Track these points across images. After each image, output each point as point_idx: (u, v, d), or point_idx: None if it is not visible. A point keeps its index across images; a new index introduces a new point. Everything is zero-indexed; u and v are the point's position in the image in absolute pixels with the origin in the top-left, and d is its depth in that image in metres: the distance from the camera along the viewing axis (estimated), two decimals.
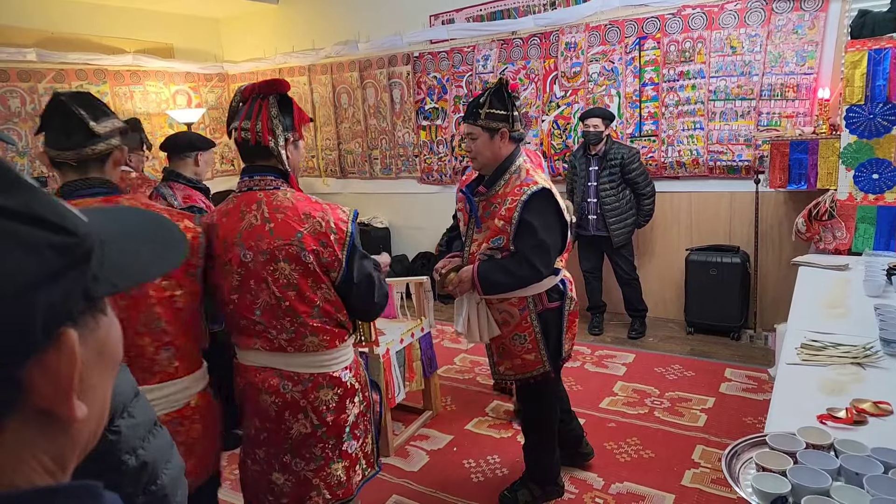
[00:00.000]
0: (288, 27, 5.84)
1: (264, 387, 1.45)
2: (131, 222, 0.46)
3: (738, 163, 3.89)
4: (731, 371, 3.36)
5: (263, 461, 1.51)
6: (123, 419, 0.72)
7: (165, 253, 0.45)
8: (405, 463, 2.62)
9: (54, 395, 0.36)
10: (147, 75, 5.54)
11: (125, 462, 0.72)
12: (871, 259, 2.46)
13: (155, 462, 0.76)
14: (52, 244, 0.34)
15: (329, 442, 1.49)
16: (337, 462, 1.51)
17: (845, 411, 1.30)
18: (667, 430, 2.75)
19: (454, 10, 4.84)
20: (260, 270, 1.40)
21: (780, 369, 1.63)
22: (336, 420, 1.48)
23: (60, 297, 0.35)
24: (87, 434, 0.40)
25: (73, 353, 0.36)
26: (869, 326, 1.80)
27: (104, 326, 0.40)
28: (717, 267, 3.76)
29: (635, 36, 4.11)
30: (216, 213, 1.49)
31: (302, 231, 1.39)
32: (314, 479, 1.49)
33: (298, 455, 1.48)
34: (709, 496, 2.27)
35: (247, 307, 1.43)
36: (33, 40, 4.85)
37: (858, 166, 2.80)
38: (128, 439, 0.72)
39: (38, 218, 0.34)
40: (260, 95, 1.42)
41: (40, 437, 0.37)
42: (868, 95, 2.71)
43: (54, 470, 0.38)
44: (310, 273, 1.40)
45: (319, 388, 1.46)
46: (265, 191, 1.43)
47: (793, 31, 3.61)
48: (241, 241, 1.40)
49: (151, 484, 0.75)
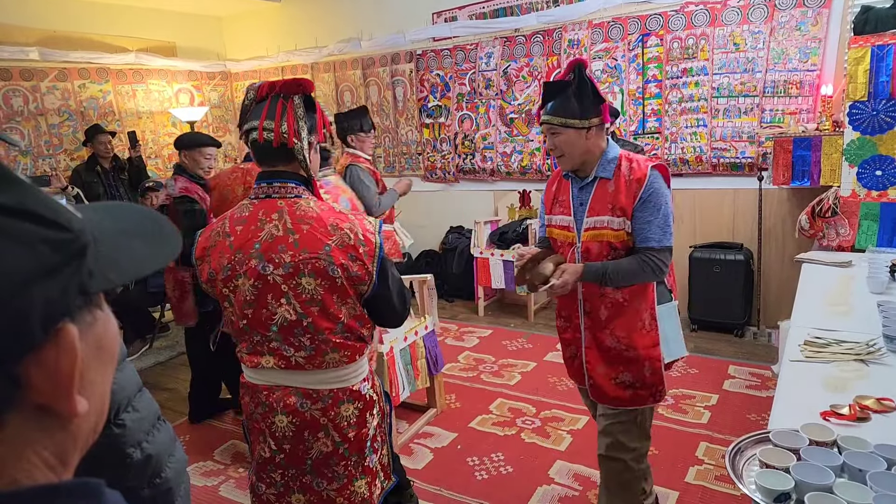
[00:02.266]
0: (291, 25, 5.84)
1: (280, 407, 1.38)
2: (123, 218, 0.46)
3: (741, 160, 3.89)
4: (734, 368, 3.37)
5: (281, 484, 1.44)
6: (128, 413, 0.73)
7: (158, 248, 0.45)
8: (409, 461, 2.63)
9: (54, 391, 0.36)
10: (150, 74, 5.55)
11: (130, 455, 0.72)
12: (875, 256, 2.46)
13: (159, 455, 0.76)
14: (46, 240, 0.34)
15: (351, 459, 1.42)
16: (360, 479, 1.45)
17: (848, 408, 1.31)
18: (670, 427, 2.76)
19: (457, 8, 4.84)
20: (280, 284, 1.31)
21: (783, 366, 1.64)
22: (357, 435, 1.42)
23: (58, 292, 0.35)
24: (87, 429, 0.40)
25: (73, 348, 0.36)
26: (872, 323, 1.80)
27: (101, 321, 0.40)
28: (720, 264, 3.76)
29: (638, 33, 4.10)
30: (228, 221, 1.39)
31: (330, 244, 1.30)
32: (338, 499, 1.43)
33: (320, 475, 1.41)
34: (712, 493, 2.28)
35: (262, 323, 1.34)
36: (36, 39, 4.86)
37: (862, 163, 2.80)
38: (133, 433, 0.73)
39: (31, 214, 0.34)
40: (282, 95, 1.33)
41: (41, 432, 0.37)
42: (871, 92, 2.71)
43: (56, 465, 0.38)
44: (336, 288, 1.32)
45: (340, 404, 1.39)
46: (286, 199, 1.33)
47: (796, 28, 3.60)
48: (260, 253, 1.31)
49: (156, 477, 0.75)
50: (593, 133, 1.62)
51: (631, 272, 1.63)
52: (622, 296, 1.70)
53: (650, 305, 1.72)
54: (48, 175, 4.29)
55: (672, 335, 1.79)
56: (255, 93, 1.36)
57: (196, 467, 2.72)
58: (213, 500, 2.47)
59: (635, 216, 1.62)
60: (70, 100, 5.04)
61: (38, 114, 4.84)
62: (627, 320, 1.71)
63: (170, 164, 5.57)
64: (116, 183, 4.57)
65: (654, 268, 1.62)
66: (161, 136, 5.64)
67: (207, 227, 1.43)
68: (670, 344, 1.79)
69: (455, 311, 4.78)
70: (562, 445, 2.68)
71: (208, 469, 2.70)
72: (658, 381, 1.74)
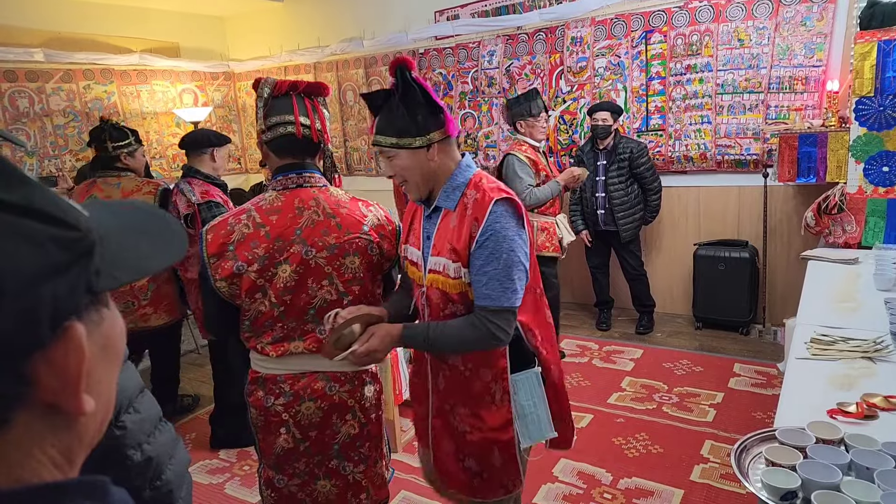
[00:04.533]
0: (293, 25, 5.84)
1: (306, 394, 1.41)
2: (129, 216, 0.46)
3: (746, 157, 3.86)
4: (739, 366, 3.35)
5: (305, 473, 1.44)
6: (129, 414, 0.73)
7: (165, 246, 0.45)
8: (413, 459, 2.62)
9: (62, 389, 0.36)
10: (154, 74, 5.57)
11: (130, 457, 0.72)
12: (882, 252, 2.44)
13: (160, 457, 0.76)
14: (54, 238, 0.34)
15: (374, 440, 1.49)
16: (380, 460, 1.52)
17: (856, 406, 1.30)
18: (675, 425, 2.75)
19: (459, 6, 4.83)
20: (324, 266, 1.37)
21: (789, 364, 1.63)
22: (377, 417, 1.50)
23: (66, 291, 0.35)
24: (94, 427, 0.41)
25: (80, 346, 0.36)
26: (879, 320, 1.79)
27: (108, 320, 0.40)
28: (725, 262, 3.74)
29: (641, 30, 4.08)
30: (256, 213, 1.37)
31: (366, 224, 1.42)
32: (363, 481, 1.47)
33: (347, 458, 1.45)
34: (718, 491, 2.27)
35: (300, 308, 1.37)
36: (40, 41, 4.89)
37: (868, 159, 2.77)
38: (133, 434, 0.73)
39: (40, 212, 0.34)
40: (308, 95, 1.41)
41: (48, 431, 0.37)
42: (878, 87, 2.68)
43: (62, 464, 0.38)
44: (373, 266, 1.44)
45: (364, 385, 1.46)
46: (317, 188, 1.42)
47: (801, 23, 3.57)
48: (303, 238, 1.36)
49: (157, 479, 0.75)
50: (435, 151, 1.27)
51: (458, 339, 1.26)
52: (463, 363, 1.34)
53: (500, 374, 1.32)
54: (55, 175, 4.31)
55: (531, 411, 1.34)
56: (271, 88, 1.37)
57: (201, 465, 2.73)
58: (218, 498, 2.48)
59: (472, 263, 1.25)
60: (75, 101, 5.06)
61: (44, 115, 4.86)
62: (471, 394, 1.34)
63: (174, 165, 5.60)
64: None
65: (486, 334, 1.23)
66: (165, 137, 5.66)
67: (217, 224, 1.38)
68: (528, 423, 1.34)
69: None
70: None
71: (214, 467, 2.71)
72: (511, 471, 1.36)
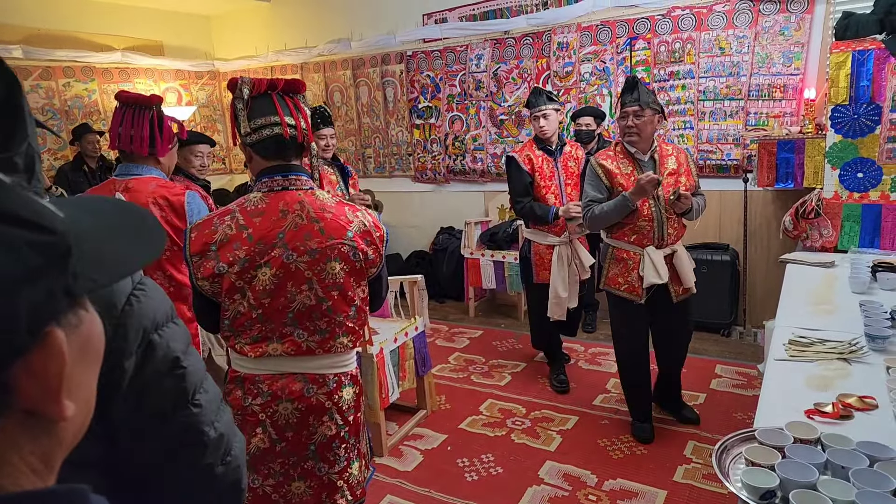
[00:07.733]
0: (280, 25, 5.81)
1: (284, 394, 1.41)
2: (104, 212, 0.44)
3: (726, 162, 3.94)
4: (721, 367, 3.41)
5: (280, 473, 1.45)
6: (202, 394, 0.76)
7: (143, 244, 0.43)
8: (399, 463, 2.63)
9: (42, 396, 0.35)
10: (136, 73, 5.49)
11: (206, 433, 0.75)
12: (857, 256, 2.51)
13: (228, 434, 0.80)
14: (29, 242, 0.33)
15: (350, 441, 1.48)
16: (356, 461, 1.51)
17: (832, 406, 1.33)
18: (659, 426, 2.78)
19: (447, 10, 4.85)
20: (304, 271, 1.36)
21: (768, 365, 1.66)
22: (355, 418, 1.49)
23: (43, 296, 0.34)
24: (73, 431, 0.40)
25: (60, 352, 0.36)
26: (855, 322, 1.84)
27: (86, 322, 0.39)
28: (707, 265, 3.81)
29: (626, 36, 4.14)
30: (240, 214, 1.38)
31: (350, 230, 1.40)
32: (338, 482, 1.47)
33: (322, 459, 1.45)
34: (700, 491, 2.31)
35: (278, 311, 1.37)
36: (20, 37, 4.79)
37: (844, 165, 2.85)
38: (207, 412, 0.76)
39: (13, 216, 0.33)
40: (287, 93, 1.37)
41: (27, 437, 0.36)
42: (852, 96, 2.76)
43: (41, 470, 0.37)
44: (355, 272, 1.42)
45: (343, 388, 1.46)
46: (303, 190, 1.39)
47: (779, 33, 3.66)
48: (285, 242, 1.35)
49: (227, 455, 0.79)
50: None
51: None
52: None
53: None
54: (49, 187, 4.23)
55: None
56: (249, 88, 1.35)
57: None
58: None
59: None
60: (54, 98, 4.97)
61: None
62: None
63: None
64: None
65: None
66: None
67: (202, 223, 1.37)
68: None
69: (445, 312, 4.79)
70: (551, 446, 2.69)
71: None
72: None
